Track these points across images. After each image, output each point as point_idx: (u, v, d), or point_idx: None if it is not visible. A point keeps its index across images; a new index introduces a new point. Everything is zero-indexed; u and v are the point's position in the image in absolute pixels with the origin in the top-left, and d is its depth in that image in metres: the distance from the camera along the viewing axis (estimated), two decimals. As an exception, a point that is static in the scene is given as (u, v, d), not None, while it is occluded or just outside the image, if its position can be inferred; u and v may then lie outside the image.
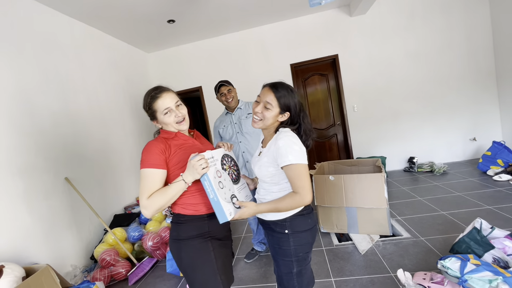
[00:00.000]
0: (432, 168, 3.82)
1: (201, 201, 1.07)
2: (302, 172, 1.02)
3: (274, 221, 1.12)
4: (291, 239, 1.09)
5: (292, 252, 1.10)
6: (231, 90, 2.19)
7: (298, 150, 1.03)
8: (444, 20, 3.93)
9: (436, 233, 2.21)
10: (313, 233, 1.14)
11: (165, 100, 1.08)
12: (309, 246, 1.13)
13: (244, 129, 2.16)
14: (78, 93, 2.90)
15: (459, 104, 4.04)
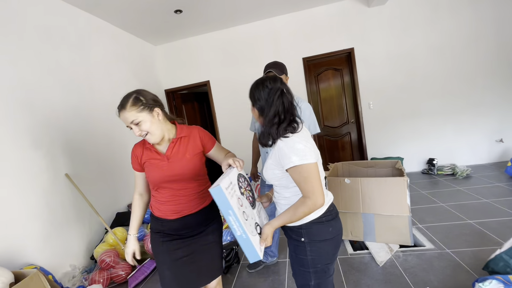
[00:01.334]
0: (454, 171, 3.56)
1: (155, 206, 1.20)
2: (309, 173, 0.89)
3: (290, 227, 1.01)
4: (308, 248, 0.98)
5: (310, 263, 0.99)
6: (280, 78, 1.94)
7: (302, 148, 0.90)
8: (472, 11, 3.62)
9: (464, 245, 1.99)
10: (335, 243, 1.01)
11: (122, 118, 1.10)
12: (329, 257, 1.01)
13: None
14: (81, 86, 2.78)
15: (485, 102, 3.74)
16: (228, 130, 4.50)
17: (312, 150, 0.93)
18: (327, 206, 1.01)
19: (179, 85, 4.56)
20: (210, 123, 5.32)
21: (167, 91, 4.58)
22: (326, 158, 4.31)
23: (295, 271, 1.07)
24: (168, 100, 4.61)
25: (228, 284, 2.00)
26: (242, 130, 4.40)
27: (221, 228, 1.31)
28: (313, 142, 1.02)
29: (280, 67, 1.84)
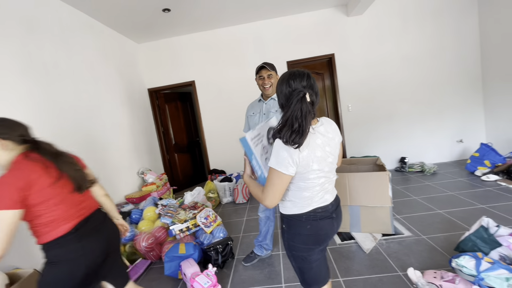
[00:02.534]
0: (422, 168, 3.93)
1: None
2: (272, 179, 0.98)
3: (281, 213, 1.16)
4: (286, 234, 1.13)
5: (287, 247, 1.14)
6: (271, 76, 1.94)
7: (285, 156, 0.95)
8: (435, 25, 4.05)
9: (437, 231, 2.24)
10: (312, 240, 1.08)
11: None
12: (302, 249, 1.09)
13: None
14: (64, 81, 2.66)
15: (447, 107, 4.18)
16: (214, 130, 4.52)
17: (298, 160, 0.95)
18: (313, 208, 1.06)
19: (162, 84, 4.49)
20: (193, 123, 5.29)
21: (150, 90, 4.49)
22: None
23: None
24: (151, 99, 4.51)
25: (225, 278, 2.05)
26: (227, 130, 4.46)
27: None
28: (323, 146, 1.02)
29: (270, 65, 1.95)
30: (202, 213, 2.67)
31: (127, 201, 3.27)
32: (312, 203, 1.06)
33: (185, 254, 2.11)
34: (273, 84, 1.96)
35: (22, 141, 1.07)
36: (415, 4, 4.02)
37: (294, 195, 1.06)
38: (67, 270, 1.06)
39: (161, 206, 2.89)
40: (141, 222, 2.73)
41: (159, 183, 3.71)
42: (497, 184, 3.07)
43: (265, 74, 1.94)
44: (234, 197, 3.82)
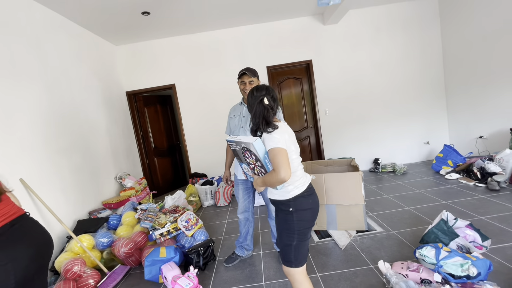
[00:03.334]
0: (394, 169, 4.19)
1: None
2: (276, 154, 1.17)
3: (281, 201, 1.30)
4: (295, 215, 1.27)
5: (295, 227, 1.27)
6: (252, 82, 1.98)
7: (277, 138, 1.21)
8: (404, 35, 4.37)
9: (405, 227, 2.42)
10: (313, 212, 1.33)
11: None
12: (309, 222, 1.31)
13: (247, 126, 2.01)
14: (36, 84, 2.56)
15: (415, 111, 4.50)
16: (195, 133, 4.52)
17: (285, 140, 1.23)
18: (307, 184, 1.33)
19: (142, 87, 4.43)
20: (174, 126, 5.24)
21: (128, 93, 4.40)
22: (289, 160, 4.63)
23: (282, 235, 1.32)
24: (129, 102, 4.43)
25: (207, 279, 2.08)
26: (208, 133, 4.47)
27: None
28: (292, 134, 1.35)
29: (252, 71, 2.00)
30: (183, 217, 2.67)
31: (104, 206, 3.18)
32: (305, 181, 1.32)
33: (166, 258, 2.10)
34: None
35: None
36: (386, 15, 4.32)
37: (291, 179, 1.27)
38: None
39: (141, 210, 2.85)
40: (119, 227, 2.67)
41: (138, 188, 3.64)
42: (458, 182, 3.36)
43: (246, 80, 1.99)
44: (215, 200, 3.84)
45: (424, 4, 4.30)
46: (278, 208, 1.36)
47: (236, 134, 2.09)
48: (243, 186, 2.13)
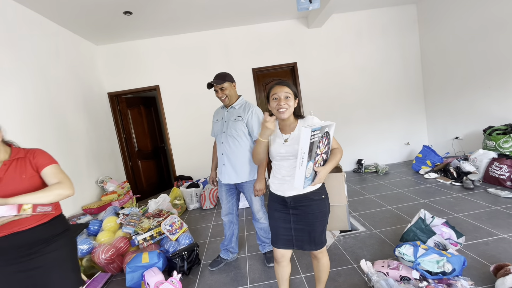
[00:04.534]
0: (376, 169, 4.31)
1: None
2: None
3: (314, 191, 1.36)
4: (327, 201, 1.40)
5: (328, 210, 1.40)
6: (223, 88, 1.93)
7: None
8: (384, 40, 4.52)
9: (387, 226, 2.49)
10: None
11: None
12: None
13: (229, 131, 1.98)
14: (10, 87, 2.44)
15: (395, 113, 4.66)
16: (179, 135, 4.45)
17: None
18: None
19: (124, 89, 4.31)
20: (158, 128, 5.14)
21: (110, 94, 4.28)
22: (275, 162, 4.66)
23: (315, 225, 1.36)
24: (111, 104, 4.31)
25: (191, 284, 2.05)
26: (194, 135, 4.43)
27: (70, 244, 1.32)
28: None
29: (220, 77, 1.94)
30: (167, 221, 2.62)
31: (84, 212, 3.07)
32: None
33: (148, 263, 2.05)
34: (228, 94, 1.96)
35: None
36: (367, 21, 4.45)
37: None
38: None
39: (123, 215, 2.77)
40: (100, 233, 2.58)
41: (121, 192, 3.54)
42: (436, 181, 3.50)
43: (217, 88, 1.96)
44: (201, 203, 3.80)
45: (403, 10, 4.47)
46: (308, 200, 1.35)
47: (218, 138, 2.08)
48: (226, 187, 2.12)
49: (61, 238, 1.26)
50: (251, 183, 2.03)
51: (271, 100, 1.34)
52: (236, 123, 1.96)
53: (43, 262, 1.18)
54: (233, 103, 2.02)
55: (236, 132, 1.95)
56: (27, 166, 1.18)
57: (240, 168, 1.99)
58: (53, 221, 1.26)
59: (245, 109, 1.98)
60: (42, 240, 1.20)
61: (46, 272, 1.19)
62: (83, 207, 3.12)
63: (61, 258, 1.24)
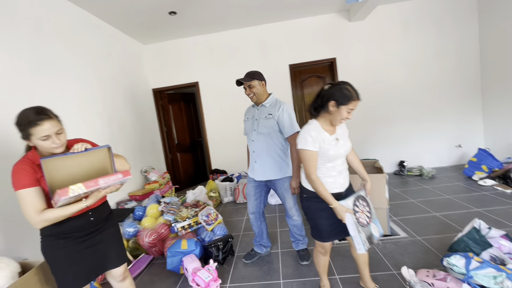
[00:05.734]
0: (421, 172, 3.99)
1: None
2: None
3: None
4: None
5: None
6: (251, 85, 1.95)
7: None
8: (436, 31, 4.12)
9: (432, 233, 2.30)
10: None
11: (45, 127, 1.11)
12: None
13: (259, 129, 1.98)
14: (71, 82, 2.74)
15: (446, 112, 4.24)
16: (216, 131, 4.60)
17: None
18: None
19: (166, 85, 4.58)
20: (196, 123, 5.37)
21: (154, 90, 4.58)
22: (309, 159, 4.58)
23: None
24: (155, 99, 4.60)
25: (225, 273, 2.12)
26: (230, 131, 4.54)
27: (117, 223, 1.49)
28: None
29: (249, 75, 1.96)
30: (204, 211, 2.74)
31: (130, 198, 3.35)
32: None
33: (187, 250, 2.18)
34: (256, 92, 1.97)
35: None
36: (417, 11, 4.10)
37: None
38: None
39: (164, 203, 2.97)
40: (144, 218, 2.80)
41: (162, 182, 3.78)
42: (494, 188, 3.13)
43: (246, 85, 1.98)
44: (235, 196, 3.89)
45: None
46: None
47: (249, 137, 2.08)
48: (255, 184, 2.14)
49: (112, 217, 1.44)
50: (283, 180, 2.02)
51: (345, 109, 1.33)
52: (267, 121, 1.97)
53: (104, 238, 1.34)
54: (263, 101, 2.03)
55: (267, 130, 1.96)
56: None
57: (272, 165, 1.99)
58: (106, 202, 1.43)
59: (275, 107, 1.98)
60: (103, 218, 1.37)
61: (106, 246, 1.35)
62: (130, 193, 3.40)
63: (115, 234, 1.43)
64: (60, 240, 1.21)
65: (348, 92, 1.32)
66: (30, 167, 1.13)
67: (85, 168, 1.21)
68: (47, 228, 1.18)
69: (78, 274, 1.24)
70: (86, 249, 1.27)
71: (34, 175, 1.13)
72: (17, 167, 1.13)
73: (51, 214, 1.11)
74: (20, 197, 1.10)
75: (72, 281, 1.23)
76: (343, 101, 1.31)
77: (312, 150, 1.37)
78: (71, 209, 1.14)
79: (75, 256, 1.24)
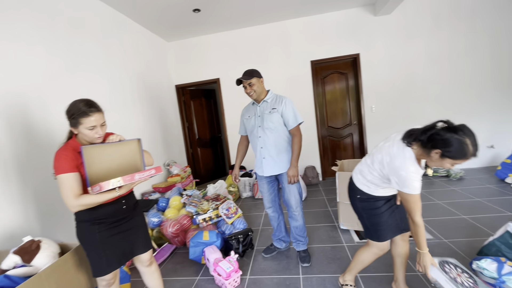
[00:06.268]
0: (448, 173, 3.81)
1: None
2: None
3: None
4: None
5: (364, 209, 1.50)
6: (252, 83, 1.98)
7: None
8: (470, 24, 3.89)
9: (460, 236, 2.21)
10: None
11: (93, 119, 1.23)
12: None
13: (265, 124, 2.01)
14: (102, 78, 2.90)
15: (477, 111, 4.00)
16: (236, 126, 4.62)
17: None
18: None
19: (189, 81, 4.69)
20: (216, 119, 5.46)
21: (177, 86, 4.71)
22: (329, 157, 4.52)
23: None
24: (178, 95, 4.74)
25: (245, 266, 2.17)
26: (249, 127, 4.56)
27: (143, 213, 1.57)
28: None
29: (248, 73, 1.99)
30: (224, 205, 2.81)
31: (154, 190, 3.49)
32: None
33: (208, 241, 2.25)
34: (256, 90, 2.00)
35: None
36: (449, 2, 3.89)
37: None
38: None
39: (186, 196, 3.07)
40: (167, 210, 2.91)
41: (183, 175, 3.91)
42: (530, 192, 2.93)
43: (246, 84, 2.00)
44: (253, 192, 3.94)
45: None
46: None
47: (254, 134, 2.09)
48: (267, 180, 2.16)
49: (138, 206, 1.53)
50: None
51: (450, 162, 1.14)
52: (271, 115, 1.99)
53: (133, 224, 1.44)
54: (263, 98, 2.06)
55: (273, 124, 1.98)
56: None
57: (280, 159, 2.02)
58: (133, 192, 1.51)
59: (277, 101, 2.01)
60: (132, 206, 1.46)
61: (135, 232, 1.44)
62: (154, 185, 3.55)
63: (142, 221, 1.52)
64: (95, 226, 1.29)
65: (466, 149, 1.06)
66: (72, 153, 1.23)
67: (118, 157, 1.32)
68: (83, 214, 1.27)
69: (111, 258, 1.33)
70: (118, 235, 1.36)
71: (75, 161, 1.22)
72: (60, 153, 1.22)
73: (87, 199, 1.20)
74: (61, 181, 1.18)
75: (106, 265, 1.32)
76: (455, 156, 1.09)
77: (419, 193, 1.21)
78: (105, 197, 1.23)
79: (109, 241, 1.32)
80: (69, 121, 1.25)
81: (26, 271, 1.37)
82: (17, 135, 1.90)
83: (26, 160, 1.94)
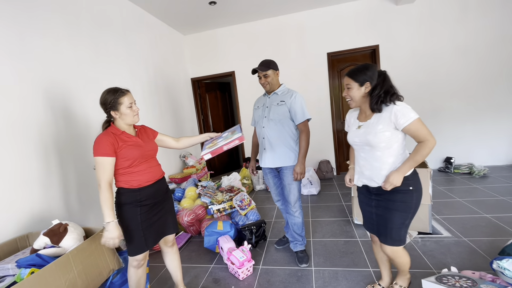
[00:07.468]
0: (471, 170, 3.65)
1: (133, 179, 1.39)
2: (421, 123, 1.19)
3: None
4: (415, 194, 1.28)
5: (413, 206, 1.29)
6: (267, 75, 1.97)
7: (410, 108, 1.21)
8: (500, 13, 3.64)
9: (481, 235, 2.13)
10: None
11: (129, 97, 1.40)
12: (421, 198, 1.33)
13: (271, 115, 1.99)
14: (122, 71, 2.99)
15: (506, 105, 3.78)
16: (250, 119, 4.66)
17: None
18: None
19: (204, 74, 4.74)
20: (230, 112, 5.50)
21: (193, 80, 4.77)
22: (344, 152, 4.45)
23: (394, 216, 1.30)
24: (193, 88, 4.80)
25: (258, 256, 2.21)
26: (264, 120, 4.56)
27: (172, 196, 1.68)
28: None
29: (265, 64, 1.97)
30: (238, 196, 2.85)
31: (170, 180, 3.60)
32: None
33: (222, 231, 2.30)
34: (270, 82, 1.99)
35: None
36: (477, -10, 3.65)
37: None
38: None
39: (201, 187, 3.14)
40: (183, 200, 3.00)
41: (198, 167, 3.99)
42: (561, 192, 2.76)
43: (261, 75, 1.98)
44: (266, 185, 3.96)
45: (535, -28, 3.48)
46: (394, 190, 1.27)
47: (260, 124, 2.07)
48: (271, 173, 2.15)
49: (169, 190, 1.64)
50: (291, 168, 1.99)
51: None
52: (278, 107, 1.96)
53: (166, 206, 1.55)
54: (275, 90, 2.03)
55: (278, 116, 1.96)
56: (148, 134, 1.57)
57: (281, 152, 1.99)
58: (164, 178, 1.60)
59: (287, 94, 1.98)
60: (164, 189, 1.57)
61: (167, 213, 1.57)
62: (170, 176, 3.66)
63: (172, 204, 1.63)
64: (137, 208, 1.39)
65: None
66: (113, 138, 1.34)
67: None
68: (127, 197, 1.38)
69: (149, 237, 1.44)
70: (155, 216, 1.47)
71: (114, 146, 1.32)
72: (101, 137, 1.33)
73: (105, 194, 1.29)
74: (97, 162, 1.29)
75: (144, 244, 1.42)
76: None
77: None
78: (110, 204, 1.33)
79: (148, 222, 1.43)
80: (108, 107, 1.36)
81: (55, 251, 1.48)
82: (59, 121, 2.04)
83: (64, 148, 2.10)
